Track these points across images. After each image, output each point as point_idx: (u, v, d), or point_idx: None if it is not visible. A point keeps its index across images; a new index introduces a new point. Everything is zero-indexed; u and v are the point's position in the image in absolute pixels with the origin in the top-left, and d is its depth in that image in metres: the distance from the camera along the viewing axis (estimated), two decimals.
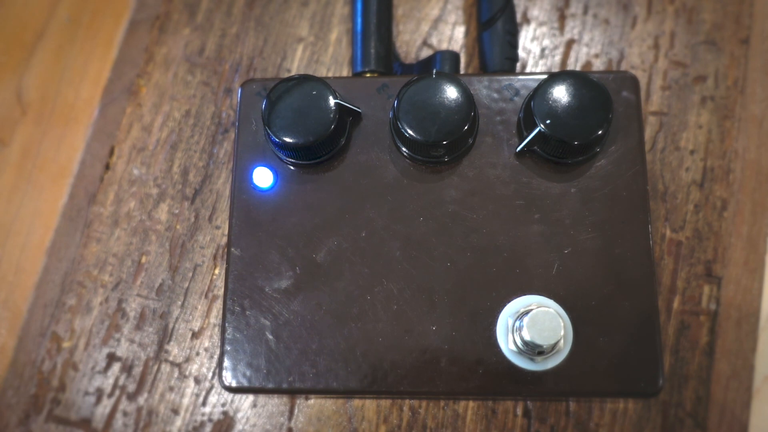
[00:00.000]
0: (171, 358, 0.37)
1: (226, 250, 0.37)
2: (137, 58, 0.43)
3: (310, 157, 0.32)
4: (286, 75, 0.41)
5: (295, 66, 0.41)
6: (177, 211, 0.39)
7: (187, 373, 0.36)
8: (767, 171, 0.37)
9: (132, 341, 0.37)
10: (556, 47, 0.40)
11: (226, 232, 0.38)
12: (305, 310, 0.31)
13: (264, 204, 0.33)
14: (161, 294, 0.38)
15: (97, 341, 0.37)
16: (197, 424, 0.36)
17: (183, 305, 0.37)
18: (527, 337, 0.29)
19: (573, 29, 0.41)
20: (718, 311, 0.35)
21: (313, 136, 0.31)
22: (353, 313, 0.31)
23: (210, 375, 0.36)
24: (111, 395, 0.36)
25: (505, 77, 0.34)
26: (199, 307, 0.37)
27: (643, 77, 0.39)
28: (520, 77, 0.34)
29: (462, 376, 0.30)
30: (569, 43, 0.40)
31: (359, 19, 0.38)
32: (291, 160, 0.33)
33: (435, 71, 0.32)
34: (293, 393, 0.32)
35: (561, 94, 0.31)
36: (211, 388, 0.36)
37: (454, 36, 0.41)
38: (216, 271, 0.38)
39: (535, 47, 0.40)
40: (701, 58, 0.39)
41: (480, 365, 0.30)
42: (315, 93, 0.32)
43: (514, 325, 0.30)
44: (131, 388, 0.36)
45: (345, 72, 0.41)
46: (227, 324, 0.31)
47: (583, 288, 0.31)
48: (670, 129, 0.38)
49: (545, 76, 0.32)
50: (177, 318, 0.37)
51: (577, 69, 0.40)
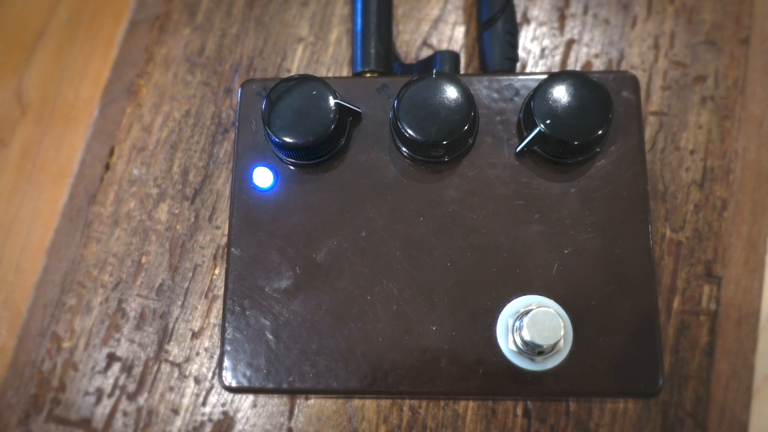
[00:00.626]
0: (171, 358, 0.37)
1: (226, 250, 0.37)
2: (137, 58, 0.43)
3: (310, 157, 0.32)
4: (286, 75, 0.41)
5: (295, 66, 0.41)
6: (177, 211, 0.39)
7: (187, 373, 0.36)
8: (767, 171, 0.37)
9: (132, 341, 0.37)
10: (556, 47, 0.40)
11: (226, 232, 0.38)
12: (305, 310, 0.31)
13: (264, 204, 0.33)
14: (161, 294, 0.38)
15: (97, 341, 0.37)
16: (197, 424, 0.36)
17: (183, 305, 0.37)
18: (527, 337, 0.29)
19: (573, 29, 0.41)
20: (718, 311, 0.35)
21: (313, 136, 0.31)
22: (353, 313, 0.31)
23: (210, 375, 0.36)
24: (111, 395, 0.36)
25: (505, 77, 0.34)
26: (199, 307, 0.37)
27: (643, 77, 0.39)
28: (520, 77, 0.34)
29: (462, 376, 0.30)
30: (569, 43, 0.40)
31: (359, 19, 0.38)
32: (291, 160, 0.33)
33: (435, 71, 0.32)
34: (293, 393, 0.32)
35: (561, 94, 0.31)
36: (211, 388, 0.36)
37: (454, 36, 0.41)
38: (216, 271, 0.38)
39: (535, 47, 0.40)
40: (701, 58, 0.39)
41: (480, 365, 0.30)
42: (315, 93, 0.32)
43: (514, 325, 0.30)
44: (131, 388, 0.36)
45: (345, 72, 0.41)
46: (227, 324, 0.31)
47: (583, 288, 0.31)
48: (670, 129, 0.38)
49: (545, 76, 0.32)
50: (177, 318, 0.37)
51: (577, 69, 0.40)
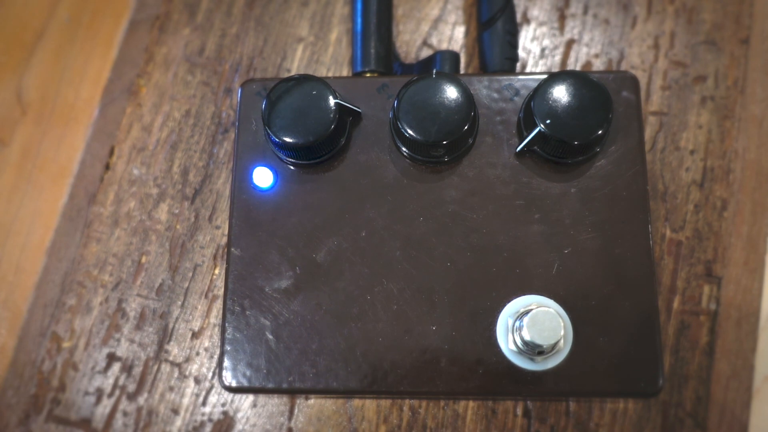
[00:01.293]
0: (171, 358, 0.37)
1: (226, 250, 0.37)
2: (137, 58, 0.43)
3: (310, 157, 0.32)
4: (286, 75, 0.41)
5: (295, 66, 0.41)
6: (177, 211, 0.39)
7: (187, 373, 0.36)
8: (767, 171, 0.37)
9: (132, 341, 0.37)
10: (556, 47, 0.40)
11: (226, 232, 0.38)
12: (305, 310, 0.31)
13: (264, 204, 0.33)
14: (161, 294, 0.38)
15: (97, 341, 0.37)
16: (197, 424, 0.36)
17: (183, 305, 0.37)
18: (527, 337, 0.29)
19: (573, 29, 0.41)
20: (718, 311, 0.35)
21: (313, 136, 0.31)
22: (353, 313, 0.31)
23: (210, 375, 0.36)
24: (111, 395, 0.36)
25: (505, 77, 0.34)
26: (199, 307, 0.37)
27: (643, 77, 0.39)
28: (520, 77, 0.34)
29: (462, 376, 0.30)
30: (569, 43, 0.40)
31: (359, 19, 0.38)
32: (291, 160, 0.33)
33: (435, 71, 0.32)
34: (293, 393, 0.32)
35: (561, 94, 0.31)
36: (211, 388, 0.36)
37: (454, 36, 0.41)
38: (216, 271, 0.38)
39: (535, 47, 0.40)
40: (701, 58, 0.39)
41: (480, 365, 0.30)
42: (315, 93, 0.32)
43: (514, 325, 0.30)
44: (131, 388, 0.36)
45: (345, 72, 0.41)
46: (227, 324, 0.31)
47: (583, 288, 0.31)
48: (670, 129, 0.38)
49: (545, 76, 0.32)
50: (177, 318, 0.37)
51: (577, 69, 0.40)
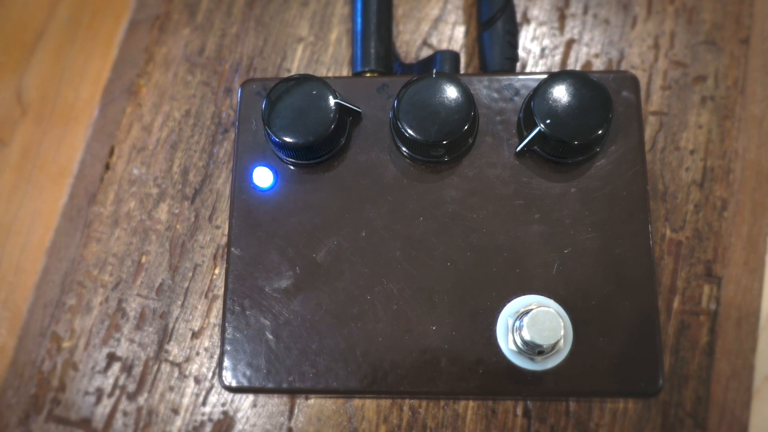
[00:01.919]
0: (171, 358, 0.37)
1: (226, 250, 0.37)
2: (137, 58, 0.43)
3: (310, 157, 0.32)
4: (286, 75, 0.41)
5: (295, 66, 0.41)
6: (177, 211, 0.39)
7: (187, 373, 0.36)
8: (767, 171, 0.37)
9: (132, 341, 0.37)
10: (556, 47, 0.40)
11: (226, 232, 0.38)
12: (305, 310, 0.31)
13: (264, 204, 0.33)
14: (161, 294, 0.38)
15: (97, 341, 0.37)
16: (197, 424, 0.36)
17: (183, 305, 0.37)
18: (527, 337, 0.29)
19: (573, 29, 0.41)
20: (718, 311, 0.35)
21: (313, 136, 0.31)
22: (353, 313, 0.31)
23: (210, 375, 0.36)
24: (111, 395, 0.36)
25: (505, 77, 0.34)
26: (199, 307, 0.37)
27: (643, 77, 0.39)
28: (520, 77, 0.34)
29: (462, 376, 0.30)
30: (569, 43, 0.40)
31: (359, 19, 0.38)
32: (291, 160, 0.33)
33: (435, 71, 0.32)
34: (293, 393, 0.32)
35: (561, 93, 0.31)
36: (211, 388, 0.36)
37: (454, 36, 0.41)
38: (216, 271, 0.38)
39: (535, 47, 0.40)
40: (701, 58, 0.39)
41: (480, 365, 0.30)
42: (315, 93, 0.32)
43: (514, 325, 0.30)
44: (131, 388, 0.36)
45: (345, 72, 0.41)
46: (227, 324, 0.31)
47: (583, 288, 0.31)
48: (670, 129, 0.38)
49: (545, 76, 0.32)
50: (177, 318, 0.37)
51: (577, 69, 0.40)
